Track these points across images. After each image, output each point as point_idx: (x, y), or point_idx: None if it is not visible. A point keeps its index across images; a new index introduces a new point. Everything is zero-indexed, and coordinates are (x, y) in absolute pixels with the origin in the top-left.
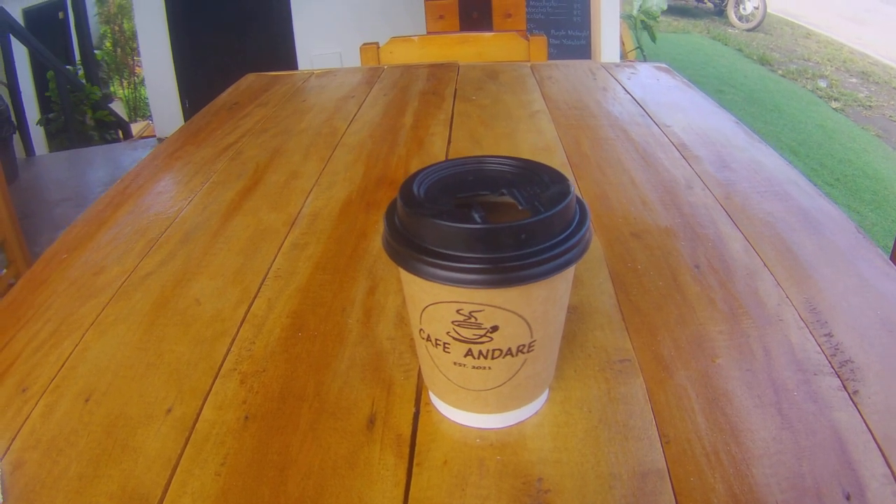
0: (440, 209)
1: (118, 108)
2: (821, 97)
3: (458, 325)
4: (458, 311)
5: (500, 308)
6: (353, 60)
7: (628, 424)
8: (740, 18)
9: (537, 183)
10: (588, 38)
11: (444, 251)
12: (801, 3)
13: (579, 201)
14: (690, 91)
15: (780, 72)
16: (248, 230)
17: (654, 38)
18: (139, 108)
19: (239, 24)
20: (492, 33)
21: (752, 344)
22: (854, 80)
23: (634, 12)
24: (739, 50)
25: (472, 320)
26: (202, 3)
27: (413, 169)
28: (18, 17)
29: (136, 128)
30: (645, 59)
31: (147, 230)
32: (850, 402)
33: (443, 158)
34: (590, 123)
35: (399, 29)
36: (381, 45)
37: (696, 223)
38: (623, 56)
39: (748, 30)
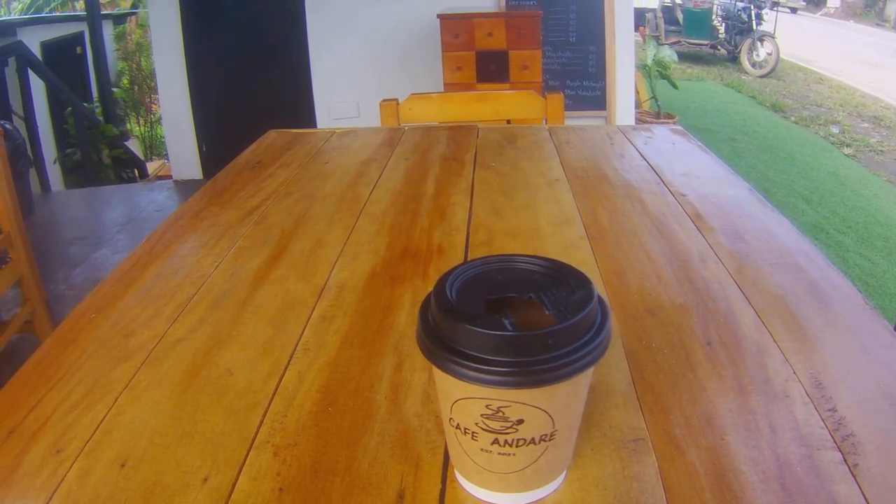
0: (472, 314)
1: (134, 145)
2: (833, 143)
3: (487, 418)
4: (486, 406)
5: (525, 404)
6: (370, 108)
7: (640, 501)
8: (753, 65)
9: (563, 285)
10: (603, 89)
11: (476, 354)
12: (813, 47)
13: (600, 300)
14: (705, 156)
15: (792, 118)
16: (276, 300)
17: (675, 86)
18: (155, 147)
19: (257, 69)
20: (510, 91)
21: (759, 421)
22: (866, 124)
23: (649, 62)
24: (753, 97)
25: (500, 414)
26: (221, 47)
27: (436, 241)
28: (36, 50)
29: (151, 166)
30: (659, 109)
31: (175, 294)
32: (850, 476)
33: (464, 230)
34: (607, 193)
35: (416, 78)
36: (400, 101)
37: (709, 298)
38: (638, 105)
39: (761, 76)
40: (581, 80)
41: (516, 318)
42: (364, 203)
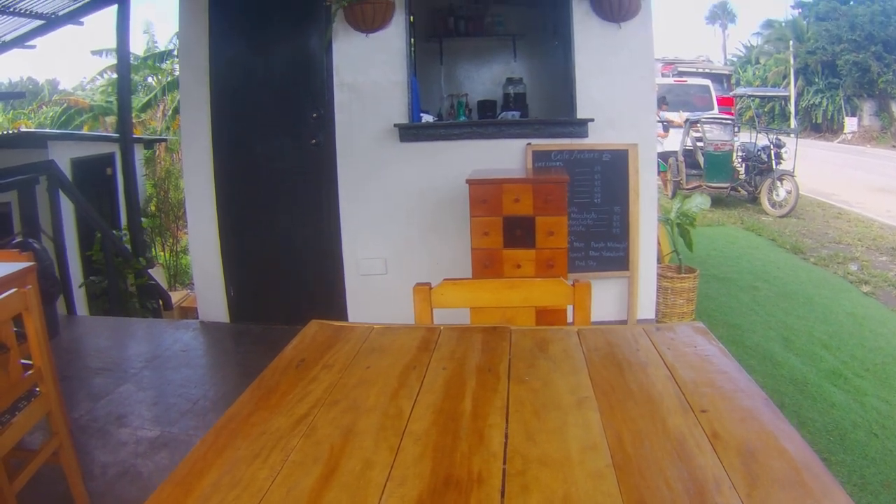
0: None
1: (158, 273)
2: (852, 282)
3: None
4: None
5: None
6: (398, 266)
7: None
8: (773, 205)
9: None
10: (626, 250)
11: None
12: (831, 179)
13: None
14: (725, 360)
15: (812, 259)
16: None
17: (690, 247)
18: (179, 275)
19: (288, 218)
20: (539, 280)
21: None
22: (884, 257)
23: (672, 215)
24: (773, 239)
25: None
26: (253, 195)
27: (476, 468)
28: (66, 166)
29: (175, 296)
30: (681, 262)
31: None
32: None
33: (501, 456)
34: (631, 413)
35: (444, 240)
36: (432, 285)
37: None
38: (660, 259)
39: (781, 216)
40: (605, 242)
41: None
42: (407, 420)
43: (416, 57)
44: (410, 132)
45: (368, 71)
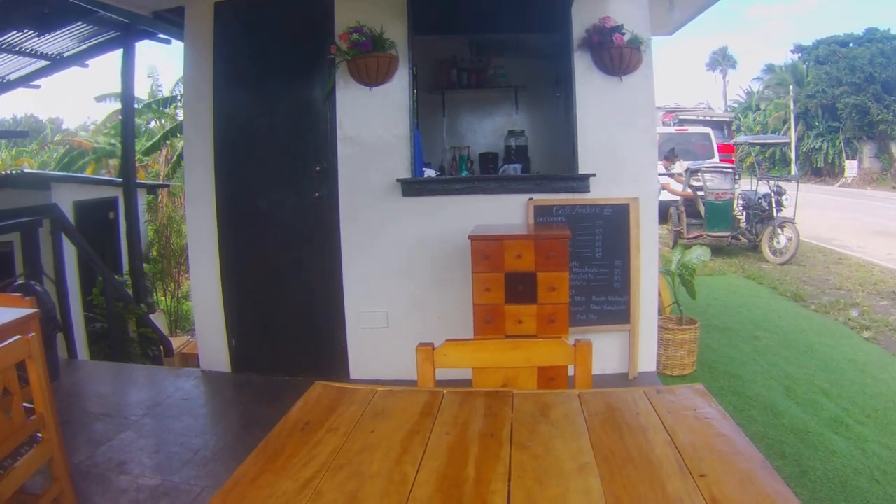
0: None
1: (160, 319)
2: (853, 328)
3: None
4: None
5: None
6: (400, 320)
7: None
8: (774, 252)
9: None
10: (627, 303)
11: None
12: (832, 224)
13: None
14: (724, 422)
15: (812, 307)
16: None
17: (693, 295)
18: (180, 321)
19: (289, 271)
20: (541, 340)
21: None
22: (885, 302)
23: (673, 267)
24: (773, 288)
25: None
26: (255, 249)
27: None
28: (69, 208)
29: (176, 342)
30: (682, 314)
31: None
32: None
33: None
34: (632, 479)
35: (446, 295)
36: (435, 345)
37: None
38: (661, 311)
39: (782, 263)
40: (606, 296)
41: None
42: (411, 486)
43: (418, 108)
44: (413, 187)
45: (372, 125)
